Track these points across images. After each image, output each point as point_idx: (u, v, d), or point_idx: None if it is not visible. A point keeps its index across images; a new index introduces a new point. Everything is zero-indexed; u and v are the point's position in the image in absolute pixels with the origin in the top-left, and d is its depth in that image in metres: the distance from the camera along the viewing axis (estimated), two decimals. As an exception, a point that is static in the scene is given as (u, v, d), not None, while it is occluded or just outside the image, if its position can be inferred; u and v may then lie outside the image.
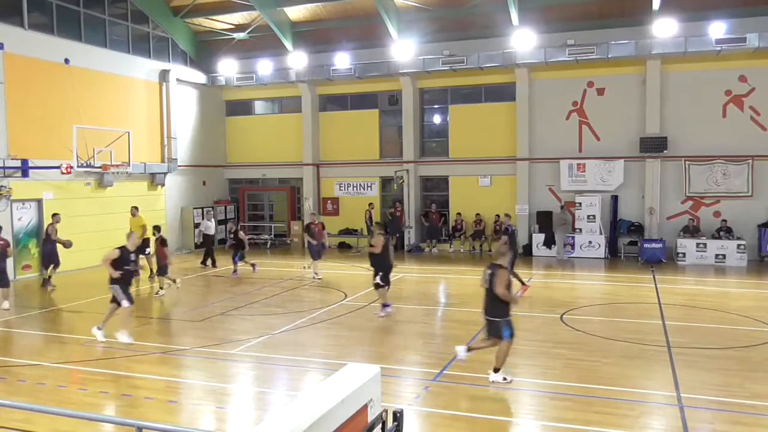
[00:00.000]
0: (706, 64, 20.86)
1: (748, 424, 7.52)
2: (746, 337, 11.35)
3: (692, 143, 21.29)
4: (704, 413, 7.87)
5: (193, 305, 14.83)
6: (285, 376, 9.79)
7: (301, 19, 24.64)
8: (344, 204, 26.04)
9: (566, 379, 9.10)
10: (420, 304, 14.94)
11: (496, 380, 8.81)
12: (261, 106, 28.32)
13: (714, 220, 21.14)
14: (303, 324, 12.63)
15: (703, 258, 20.25)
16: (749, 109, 20.88)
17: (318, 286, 16.99)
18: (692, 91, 21.25)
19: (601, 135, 22.45)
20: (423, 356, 10.53)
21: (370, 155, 25.70)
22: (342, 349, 10.99)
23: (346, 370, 5.05)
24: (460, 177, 24.47)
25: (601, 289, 17.08)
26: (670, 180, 21.70)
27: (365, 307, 14.14)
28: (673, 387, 8.65)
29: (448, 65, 22.40)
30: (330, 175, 26.42)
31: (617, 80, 22.11)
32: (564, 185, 22.66)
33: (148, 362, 10.19)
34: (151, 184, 23.65)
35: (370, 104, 25.96)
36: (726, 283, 17.64)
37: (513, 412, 8.24)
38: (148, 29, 23.94)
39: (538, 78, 22.94)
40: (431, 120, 25.74)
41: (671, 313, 13.14)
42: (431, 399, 8.46)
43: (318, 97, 26.43)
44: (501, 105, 23.76)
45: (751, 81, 20.78)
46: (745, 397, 8.31)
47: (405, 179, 24.58)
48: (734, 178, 20.94)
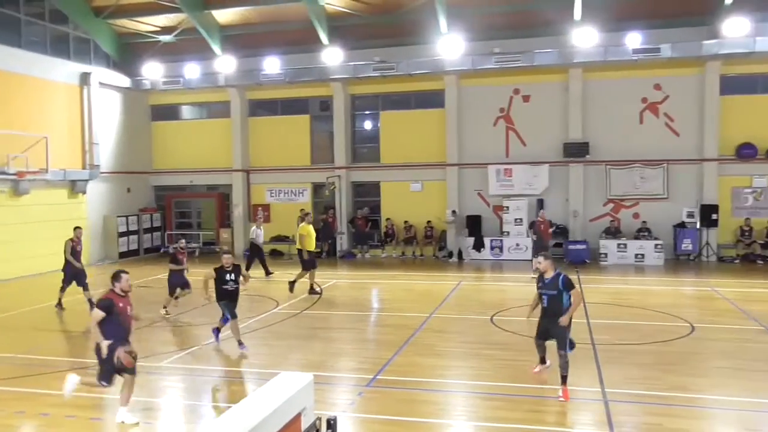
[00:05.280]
0: (624, 73, 21.84)
1: (668, 414, 7.89)
2: (665, 332, 11.90)
3: (612, 148, 22.23)
4: (627, 406, 8.19)
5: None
6: (214, 388, 9.54)
7: (230, 22, 24.21)
8: (276, 210, 25.73)
9: (498, 379, 9.28)
10: (353, 310, 14.90)
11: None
12: (188, 111, 27.63)
13: (634, 222, 22.15)
14: (232, 335, 12.35)
15: (623, 258, 21.15)
16: (664, 115, 22.02)
17: (250, 295, 16.69)
18: (612, 99, 22.21)
19: (527, 140, 23.12)
20: (357, 362, 10.51)
21: (302, 161, 25.52)
22: (274, 358, 10.82)
23: (278, 380, 4.97)
24: (391, 182, 24.63)
25: (529, 291, 17.45)
26: (593, 183, 22.58)
27: (297, 315, 14.00)
28: (597, 383, 8.98)
29: (378, 72, 22.52)
30: (260, 182, 26.04)
31: (542, 87, 22.84)
32: (492, 190, 23.19)
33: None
34: (71, 192, 22.63)
35: (301, 109, 25.78)
36: (645, 281, 18.47)
37: (447, 414, 8.32)
38: (68, 30, 22.95)
39: (467, 85, 23.40)
40: (362, 126, 25.80)
41: (595, 312, 13.63)
42: (365, 405, 8.45)
43: (247, 101, 26.03)
44: (431, 111, 24.11)
45: (665, 89, 21.91)
46: (664, 389, 8.72)
47: (336, 185, 24.53)
48: (651, 181, 22.00)
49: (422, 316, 13.33)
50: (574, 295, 8.36)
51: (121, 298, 7.84)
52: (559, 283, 8.36)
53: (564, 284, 8.34)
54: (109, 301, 7.73)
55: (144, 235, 25.80)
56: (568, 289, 8.31)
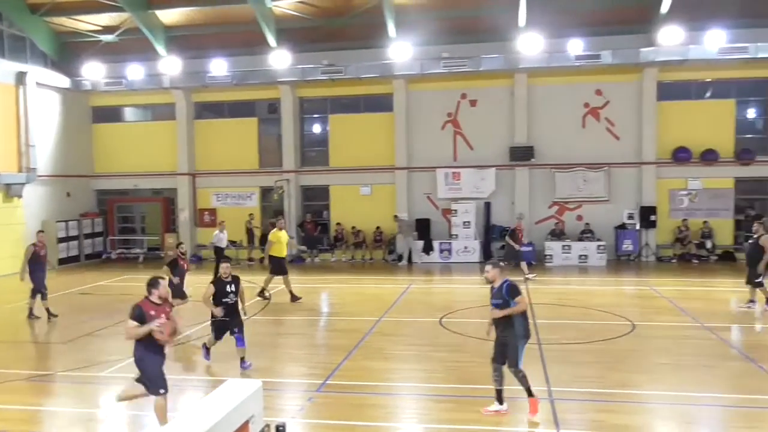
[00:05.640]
0: (567, 78, 22.41)
1: (612, 411, 8.12)
2: (607, 330, 12.26)
3: (556, 152, 22.77)
4: (572, 404, 8.41)
5: (59, 325, 13.74)
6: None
7: (175, 23, 23.70)
8: (223, 215, 25.25)
9: (448, 381, 9.38)
10: (302, 315, 14.80)
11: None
12: (132, 113, 26.92)
13: (577, 224, 22.74)
14: (180, 341, 12.08)
15: (568, 259, 21.70)
16: (605, 120, 22.71)
17: (196, 301, 16.36)
18: (555, 104, 22.76)
19: (475, 144, 23.46)
20: (306, 367, 10.43)
21: (249, 165, 25.19)
22: (221, 366, 10.61)
23: (225, 387, 4.90)
24: (341, 186, 24.58)
25: (477, 292, 17.68)
26: (538, 186, 23.07)
27: (246, 321, 13.76)
28: (544, 382, 9.16)
29: (327, 75, 22.44)
30: (207, 185, 25.58)
31: (488, 92, 23.23)
32: (441, 193, 23.43)
33: (5, 391, 9.30)
34: (6, 196, 21.74)
35: (249, 112, 25.46)
36: (588, 281, 18.99)
37: (397, 417, 8.35)
38: (2, 27, 22.04)
39: (415, 89, 23.59)
40: (311, 129, 25.67)
41: (541, 312, 13.92)
42: (315, 410, 8.40)
43: (193, 104, 25.54)
44: (380, 115, 24.18)
45: (606, 94, 22.61)
46: (607, 386, 9.01)
47: (285, 189, 24.32)
48: (593, 184, 22.64)
49: (372, 320, 13.34)
50: (519, 302, 7.84)
51: (155, 306, 7.22)
52: (503, 291, 7.86)
53: (508, 292, 7.82)
54: (140, 310, 7.12)
55: (85, 240, 24.99)
56: (512, 297, 7.78)
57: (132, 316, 7.09)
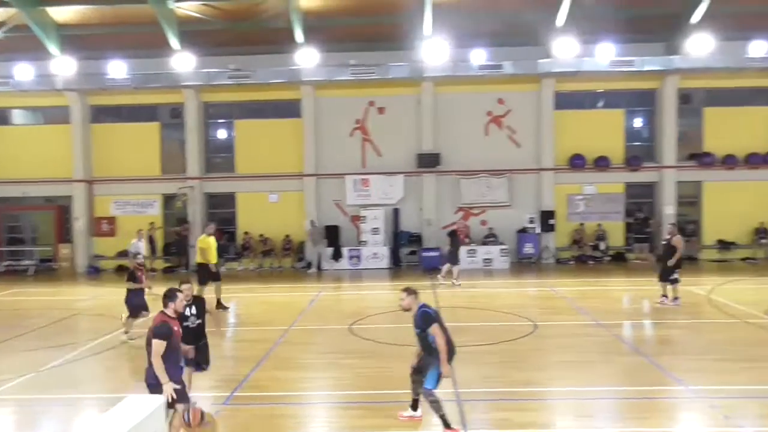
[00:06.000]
0: (471, 87, 23.10)
1: (516, 409, 8.39)
2: (511, 331, 12.68)
3: (462, 159, 23.40)
4: (479, 404, 8.62)
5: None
6: (54, 418, 8.74)
7: (68, 21, 22.42)
8: (122, 224, 24.16)
9: (357, 387, 9.37)
10: (208, 326, 14.28)
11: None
12: (20, 116, 25.27)
13: (482, 228, 23.45)
14: (75, 357, 11.42)
15: (473, 263, 22.31)
16: (506, 128, 23.60)
17: (94, 314, 15.54)
18: (460, 112, 23.41)
19: (383, 151, 23.71)
20: (213, 380, 10.09)
21: (151, 171, 24.24)
22: (121, 382, 10.10)
23: (124, 404, 4.67)
24: (247, 193, 24.12)
25: (387, 298, 17.86)
26: (445, 193, 23.62)
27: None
28: (451, 384, 9.33)
29: (233, 79, 21.93)
30: (105, 193, 24.38)
31: (396, 100, 23.56)
32: (350, 200, 23.50)
33: None
34: None
35: (150, 117, 24.54)
36: (493, 284, 19.62)
37: (306, 427, 8.26)
38: None
39: (323, 96, 23.55)
40: (216, 135, 25.05)
41: (449, 316, 14.14)
42: (222, 423, 8.14)
43: (90, 107, 24.31)
44: (287, 121, 23.97)
45: (507, 103, 23.51)
46: (512, 385, 9.31)
47: (189, 196, 23.56)
48: (496, 189, 23.44)
49: (281, 329, 13.14)
50: (433, 332, 7.35)
51: (173, 320, 6.93)
52: (418, 320, 7.51)
53: (422, 321, 7.45)
54: (166, 326, 6.73)
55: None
56: (427, 326, 7.39)
57: (158, 334, 6.65)
